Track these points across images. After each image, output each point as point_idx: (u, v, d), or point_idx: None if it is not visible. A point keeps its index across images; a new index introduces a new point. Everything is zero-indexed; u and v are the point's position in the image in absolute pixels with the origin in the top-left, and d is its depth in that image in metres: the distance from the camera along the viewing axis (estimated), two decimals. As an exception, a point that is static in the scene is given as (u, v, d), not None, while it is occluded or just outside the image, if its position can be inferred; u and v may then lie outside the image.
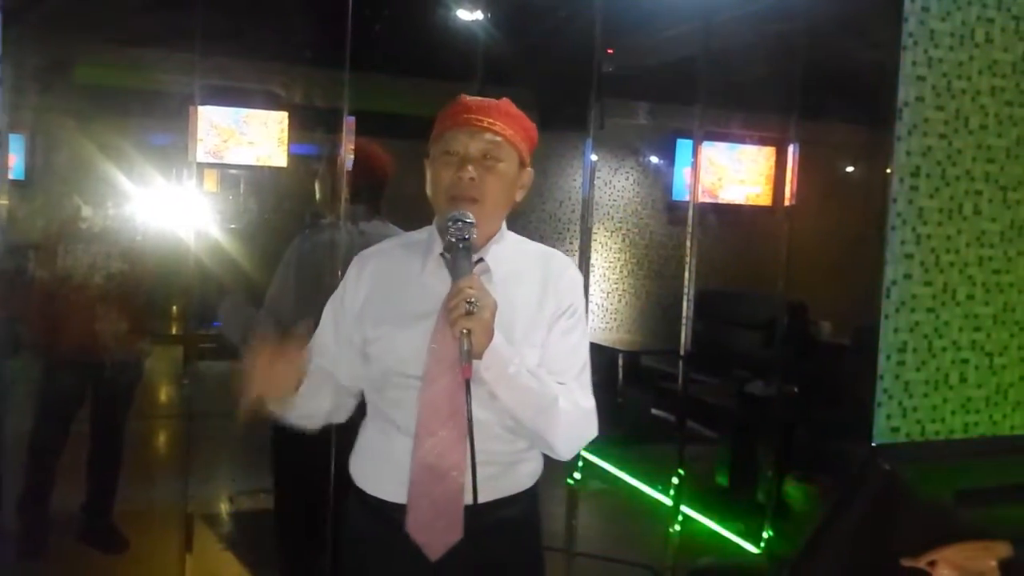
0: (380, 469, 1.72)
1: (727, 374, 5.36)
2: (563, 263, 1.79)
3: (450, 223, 1.61)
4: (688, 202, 3.90)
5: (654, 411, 6.18)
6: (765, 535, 3.76)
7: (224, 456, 4.81)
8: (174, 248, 3.50)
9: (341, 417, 1.82)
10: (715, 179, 6.42)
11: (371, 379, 1.75)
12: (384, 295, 1.72)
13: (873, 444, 1.16)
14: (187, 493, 3.15)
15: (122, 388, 3.79)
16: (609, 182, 7.55)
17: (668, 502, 3.79)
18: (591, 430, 1.74)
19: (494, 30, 3.52)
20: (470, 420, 1.52)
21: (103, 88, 4.80)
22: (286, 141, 5.01)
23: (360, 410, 1.85)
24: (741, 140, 5.96)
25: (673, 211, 7.34)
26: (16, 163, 4.08)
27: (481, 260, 1.68)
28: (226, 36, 3.10)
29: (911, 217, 3.16)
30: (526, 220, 6.39)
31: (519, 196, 1.76)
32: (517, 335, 1.65)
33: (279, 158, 5.23)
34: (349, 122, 3.05)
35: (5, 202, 2.22)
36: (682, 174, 6.98)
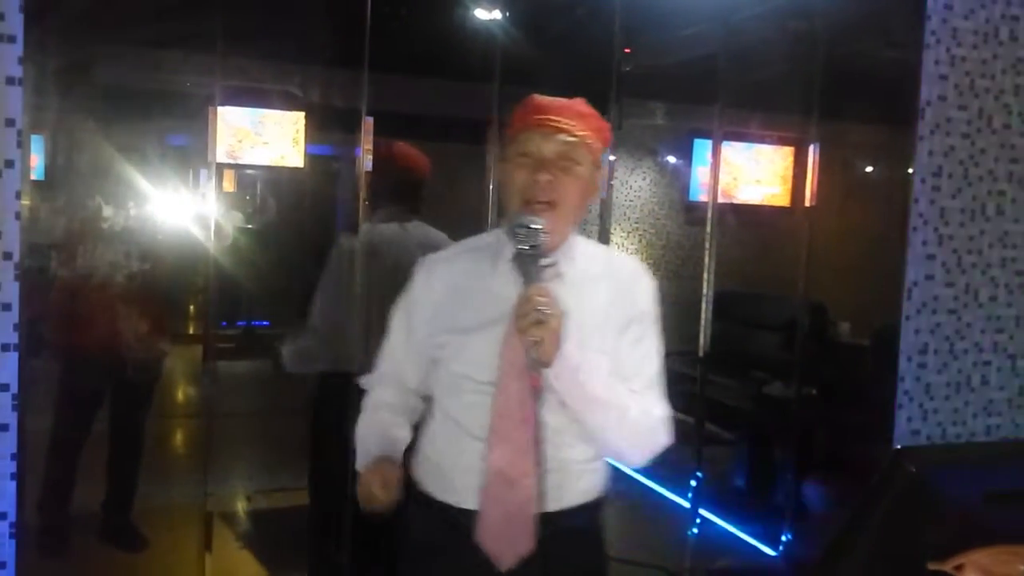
0: (448, 474, 1.69)
1: (745, 375, 5.33)
2: (635, 269, 1.78)
3: (519, 230, 1.58)
4: (705, 202, 3.89)
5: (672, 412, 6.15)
6: (783, 538, 3.74)
7: (243, 455, 4.84)
8: (194, 248, 3.52)
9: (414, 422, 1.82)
10: (731, 179, 6.38)
11: (441, 384, 1.73)
12: (454, 301, 1.70)
13: (897, 447, 1.15)
14: (206, 491, 3.16)
15: (142, 387, 3.81)
16: (626, 182, 7.52)
17: (686, 504, 3.78)
18: (664, 438, 1.72)
19: (512, 29, 3.51)
20: (539, 428, 1.51)
21: (123, 89, 4.84)
22: (303, 141, 5.03)
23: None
24: (760, 140, 5.93)
25: (690, 211, 7.31)
26: (37, 164, 4.11)
27: (553, 264, 1.66)
28: (246, 37, 3.11)
29: (933, 217, 3.14)
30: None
31: (593, 199, 1.74)
32: (588, 340, 1.63)
33: (296, 158, 5.24)
34: (367, 122, 3.07)
35: (27, 202, 2.23)
36: (698, 174, 6.95)
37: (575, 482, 1.69)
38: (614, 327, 1.68)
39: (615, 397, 1.63)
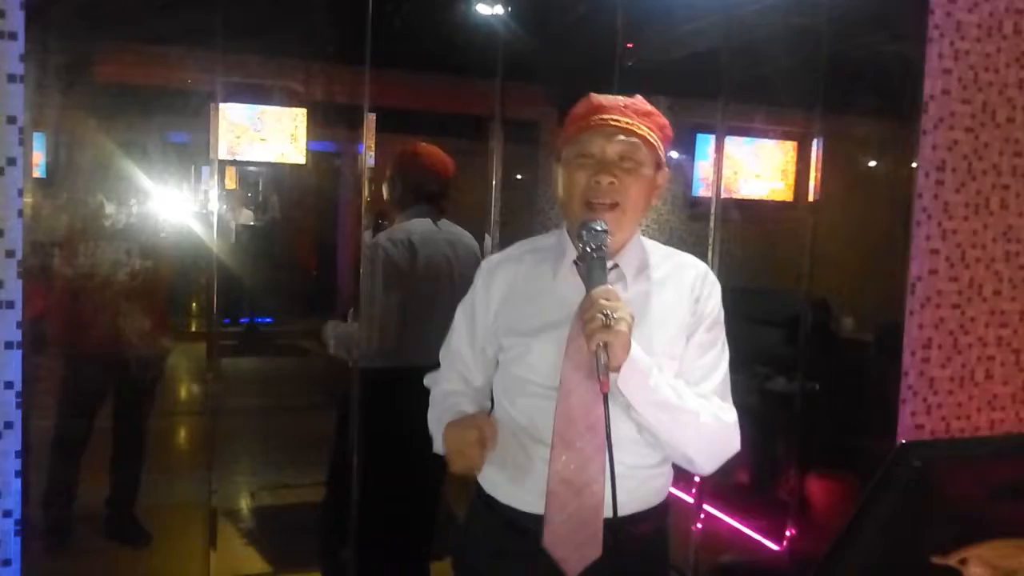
0: (514, 477, 1.66)
1: (748, 371, 5.33)
2: (700, 270, 1.73)
3: (583, 231, 1.55)
4: (708, 198, 3.87)
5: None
6: (787, 533, 3.73)
7: (247, 451, 4.84)
8: (196, 245, 3.53)
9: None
10: (734, 174, 6.37)
11: (503, 386, 1.71)
12: (516, 303, 1.68)
13: (902, 441, 1.15)
14: (211, 488, 3.16)
15: (145, 384, 3.82)
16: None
17: (689, 500, 3.77)
18: (734, 444, 1.69)
19: (514, 25, 3.50)
20: (609, 434, 1.46)
21: (125, 86, 4.84)
22: (305, 138, 5.02)
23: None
24: (763, 135, 5.92)
25: (693, 207, 7.30)
26: (39, 161, 4.11)
27: (616, 267, 1.63)
28: (247, 33, 3.10)
29: (936, 212, 3.13)
30: (545, 217, 6.38)
31: (656, 198, 1.70)
32: (655, 345, 1.60)
33: (298, 155, 5.24)
34: (369, 119, 3.06)
35: (30, 200, 2.24)
36: (700, 169, 6.94)
37: (642, 488, 1.66)
38: (681, 331, 1.65)
39: (685, 402, 1.59)
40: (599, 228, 1.55)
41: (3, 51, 2.14)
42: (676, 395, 1.58)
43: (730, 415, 1.67)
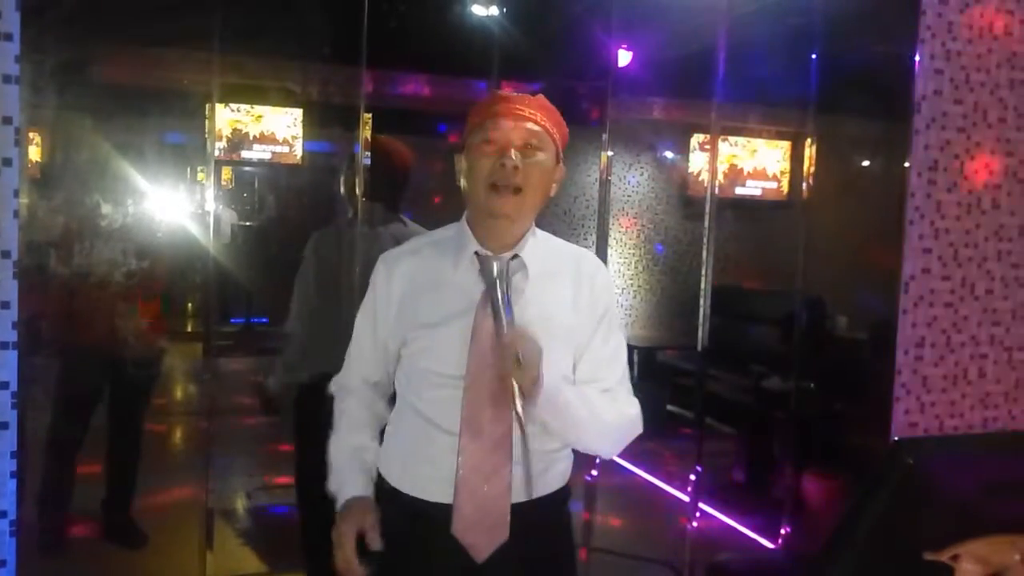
0: (419, 469, 1.70)
1: (743, 370, 5.35)
2: (595, 264, 1.80)
3: (484, 266, 1.63)
4: (703, 197, 3.89)
5: (670, 407, 6.17)
6: (782, 531, 3.75)
7: (243, 451, 4.84)
8: (192, 245, 3.53)
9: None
10: (730, 174, 6.39)
11: (407, 379, 1.74)
12: (418, 296, 1.71)
13: (896, 438, 1.16)
14: (208, 488, 3.16)
15: (140, 384, 3.82)
16: (624, 177, 7.53)
17: (685, 498, 3.79)
18: (636, 431, 1.76)
19: (510, 25, 3.51)
20: (518, 422, 1.55)
21: (121, 87, 4.84)
22: (301, 138, 5.03)
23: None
24: (757, 134, 5.94)
25: (688, 206, 7.32)
26: (35, 161, 4.11)
27: (516, 256, 1.69)
28: (244, 35, 3.11)
29: (929, 211, 3.14)
30: (539, 216, 6.39)
31: (553, 191, 1.75)
32: (554, 332, 1.65)
33: (294, 155, 5.25)
34: (366, 118, 3.07)
35: (26, 200, 2.24)
36: (696, 169, 6.96)
37: (545, 472, 1.71)
38: (579, 320, 1.71)
39: (593, 408, 1.67)
40: (502, 267, 1.63)
41: (-1, 52, 2.14)
42: (587, 408, 1.66)
43: (633, 408, 1.75)
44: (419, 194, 3.00)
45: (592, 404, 1.67)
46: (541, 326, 1.59)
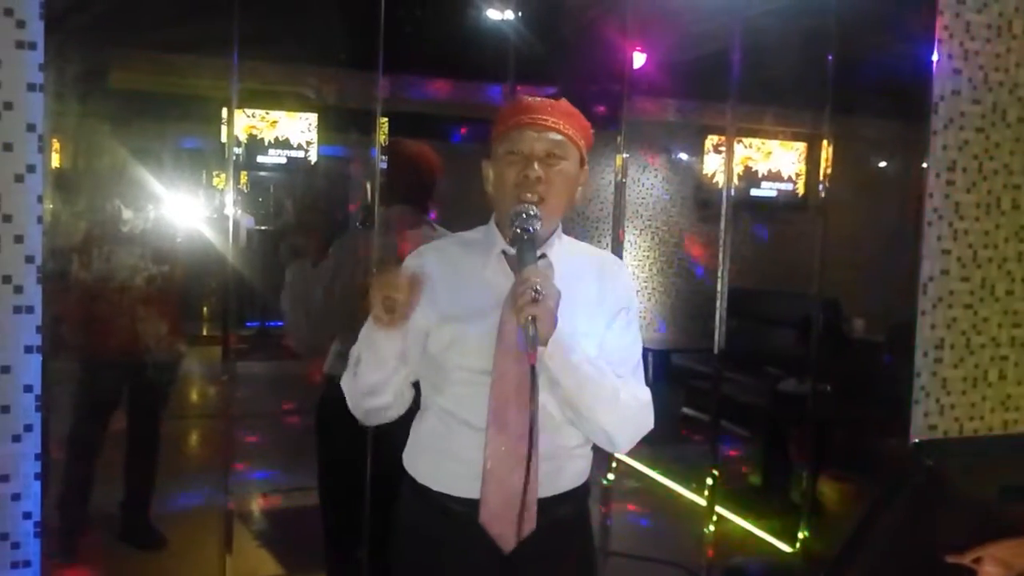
0: (445, 465, 1.73)
1: (759, 372, 5.33)
2: (617, 264, 1.88)
3: (515, 215, 1.65)
4: (718, 199, 3.88)
5: (685, 410, 6.16)
6: (800, 535, 3.73)
7: (260, 454, 4.87)
8: (210, 249, 3.55)
9: (401, 407, 1.81)
10: (745, 175, 6.38)
11: (432, 375, 1.77)
12: (445, 291, 1.73)
13: (915, 441, 1.15)
14: (227, 491, 3.18)
15: (159, 387, 3.85)
16: (638, 179, 7.53)
17: (701, 502, 3.78)
18: (648, 422, 1.78)
19: (525, 30, 3.52)
20: (535, 408, 1.55)
21: (140, 93, 4.88)
22: (317, 142, 5.06)
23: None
24: (773, 136, 5.93)
25: (703, 208, 7.31)
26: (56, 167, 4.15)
27: (544, 256, 1.72)
28: (261, 41, 3.13)
29: (948, 212, 3.13)
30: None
31: (578, 195, 1.79)
32: (578, 329, 1.68)
33: (310, 159, 5.28)
34: (382, 123, 3.08)
35: (50, 205, 2.27)
36: (711, 171, 6.95)
37: (567, 467, 1.75)
38: (602, 319, 1.75)
39: (605, 378, 1.69)
40: (531, 212, 1.65)
41: (23, 61, 2.17)
42: (597, 371, 1.68)
43: (645, 395, 1.77)
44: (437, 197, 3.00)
45: (604, 373, 1.69)
46: (566, 324, 1.61)
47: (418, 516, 1.77)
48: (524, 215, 1.65)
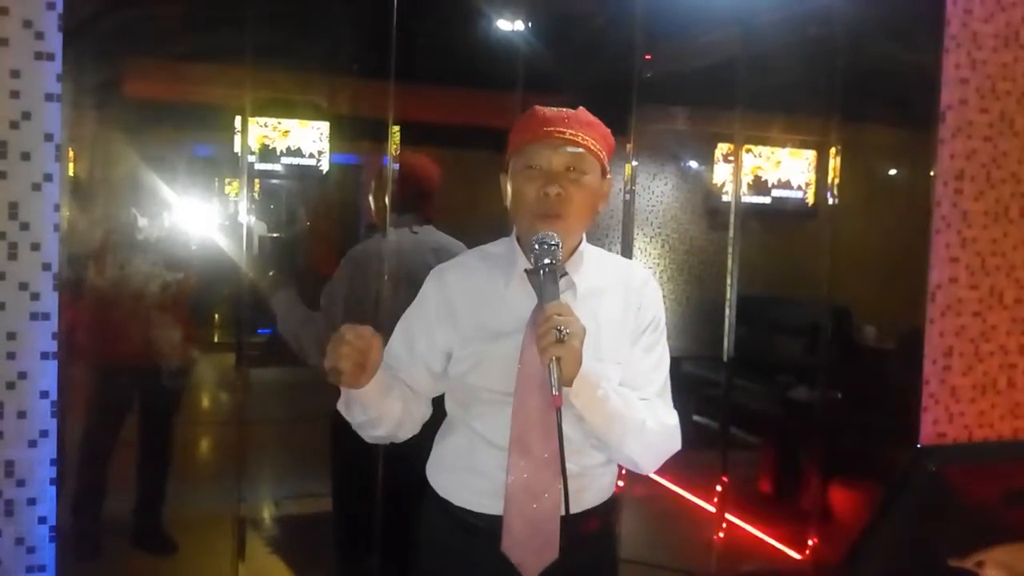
0: (467, 480, 1.70)
1: (769, 379, 5.32)
2: (643, 276, 1.78)
3: (536, 245, 1.57)
4: (727, 207, 3.90)
5: (695, 417, 6.15)
6: (810, 542, 3.73)
7: (272, 461, 4.89)
8: (224, 257, 3.58)
9: (410, 429, 1.76)
10: (754, 184, 6.37)
11: (457, 393, 1.74)
12: (467, 311, 1.69)
13: (918, 446, 1.16)
14: (240, 498, 3.21)
15: (171, 393, 3.88)
16: (648, 188, 7.53)
17: (711, 509, 3.78)
18: (674, 445, 1.74)
19: (535, 39, 3.55)
20: (561, 446, 1.50)
21: (157, 103, 4.92)
22: (329, 151, 5.09)
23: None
24: (781, 144, 5.93)
25: (713, 216, 7.30)
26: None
27: (565, 275, 1.66)
28: (276, 50, 3.17)
29: (956, 220, 3.14)
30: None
31: (601, 206, 1.73)
32: (603, 350, 1.64)
33: (322, 168, 5.31)
34: (394, 132, 3.12)
35: (67, 213, 2.30)
36: (720, 179, 6.95)
37: (592, 485, 1.71)
38: (627, 336, 1.70)
39: (632, 411, 1.64)
40: (552, 242, 1.57)
41: (41, 71, 2.21)
42: (624, 404, 1.63)
43: (672, 418, 1.74)
44: (446, 205, 3.04)
45: (630, 403, 1.65)
46: (589, 344, 1.56)
47: (439, 529, 1.75)
48: (545, 245, 1.56)
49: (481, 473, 1.67)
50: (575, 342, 1.48)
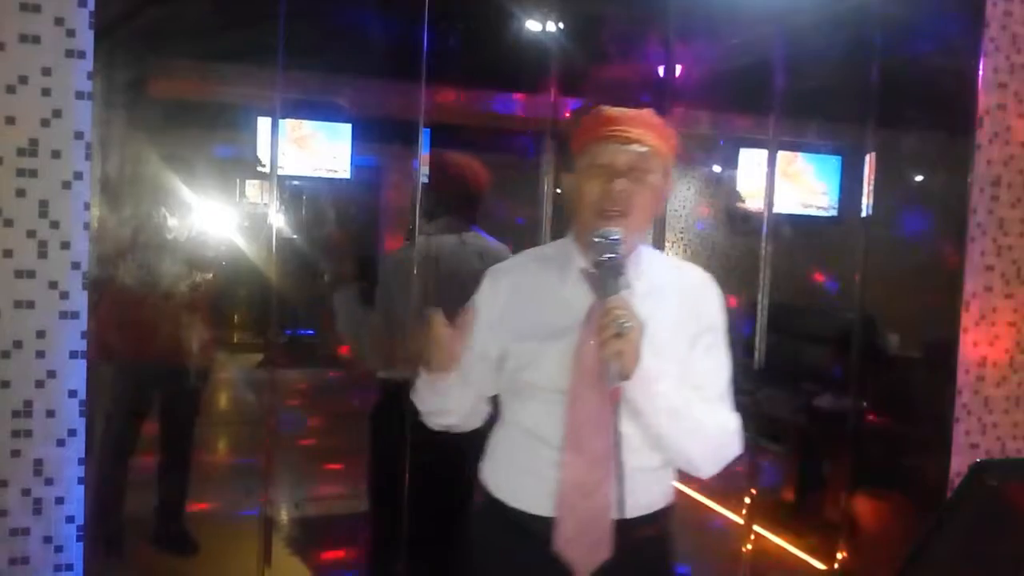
0: (522, 480, 1.71)
1: (795, 388, 5.27)
2: (702, 278, 1.78)
3: (597, 240, 1.59)
4: (756, 212, 3.85)
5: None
6: (838, 555, 3.68)
7: (295, 462, 4.89)
8: (249, 258, 3.59)
9: (475, 423, 1.82)
10: (784, 188, 6.31)
11: (511, 392, 1.75)
12: (523, 309, 1.71)
13: (977, 460, 1.13)
14: (266, 499, 3.20)
15: (195, 394, 3.89)
16: (675, 192, 7.49)
17: (739, 520, 3.74)
18: (735, 449, 1.73)
19: (566, 42, 3.53)
20: (618, 439, 1.52)
21: (185, 102, 4.94)
22: (358, 153, 5.09)
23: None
24: (814, 149, 5.87)
25: (743, 222, 7.24)
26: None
27: (623, 274, 1.65)
28: (306, 51, 3.16)
29: (991, 228, 3.09)
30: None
31: (662, 207, 1.75)
32: (661, 350, 1.63)
33: (350, 170, 5.31)
34: (424, 134, 3.09)
35: (97, 211, 2.30)
36: (745, 184, 6.89)
37: (648, 489, 1.70)
38: (685, 338, 1.69)
39: (691, 410, 1.64)
40: (614, 237, 1.59)
41: (72, 69, 2.21)
42: (683, 402, 1.63)
43: (733, 422, 1.71)
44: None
45: (689, 402, 1.64)
46: (647, 345, 1.56)
47: (492, 529, 1.75)
48: (607, 239, 1.59)
49: (535, 473, 1.67)
50: (634, 336, 1.50)
